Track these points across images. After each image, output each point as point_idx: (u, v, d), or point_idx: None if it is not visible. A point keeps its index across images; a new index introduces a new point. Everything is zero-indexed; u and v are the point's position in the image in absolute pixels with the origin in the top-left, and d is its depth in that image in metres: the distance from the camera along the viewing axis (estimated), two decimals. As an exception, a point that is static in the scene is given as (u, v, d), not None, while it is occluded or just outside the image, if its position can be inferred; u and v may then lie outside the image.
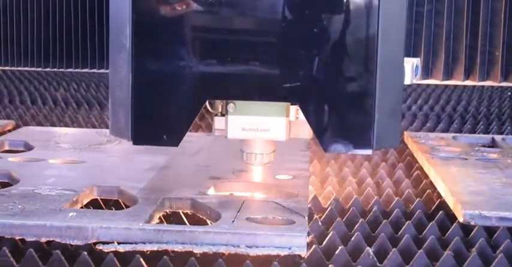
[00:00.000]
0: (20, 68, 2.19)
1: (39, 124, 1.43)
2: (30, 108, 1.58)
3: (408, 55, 1.39)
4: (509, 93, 1.92)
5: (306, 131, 0.84)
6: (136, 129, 0.79)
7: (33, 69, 2.18)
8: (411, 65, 0.82)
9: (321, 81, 0.77)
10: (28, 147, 1.13)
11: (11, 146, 1.15)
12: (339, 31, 0.76)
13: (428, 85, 2.01)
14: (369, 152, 0.78)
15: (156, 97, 0.78)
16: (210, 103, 0.84)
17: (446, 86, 2.01)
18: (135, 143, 0.79)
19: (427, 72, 2.10)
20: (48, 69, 2.18)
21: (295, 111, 0.83)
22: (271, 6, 0.76)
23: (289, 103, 0.82)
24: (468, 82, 2.07)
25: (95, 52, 2.17)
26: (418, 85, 1.97)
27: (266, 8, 0.76)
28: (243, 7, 0.77)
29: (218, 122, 0.85)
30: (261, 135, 0.83)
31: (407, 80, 0.81)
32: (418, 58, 0.84)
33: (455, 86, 2.02)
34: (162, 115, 0.79)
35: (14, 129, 1.31)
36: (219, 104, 0.84)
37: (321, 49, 0.76)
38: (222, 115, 0.84)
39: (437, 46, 2.10)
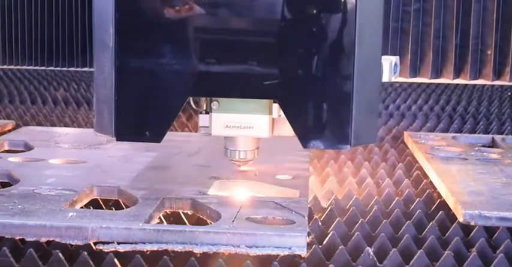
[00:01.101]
0: (19, 67, 2.18)
1: (39, 124, 1.43)
2: (30, 108, 1.58)
3: (394, 54, 1.41)
4: (509, 93, 1.92)
5: (289, 128, 0.84)
6: (119, 126, 0.80)
7: (32, 67, 2.18)
8: (389, 63, 0.83)
9: (300, 78, 0.78)
10: (28, 147, 1.12)
11: (11, 146, 1.15)
12: (317, 29, 0.77)
13: (428, 85, 2.01)
14: (347, 148, 0.79)
15: (139, 95, 0.80)
16: (194, 101, 0.86)
17: (446, 86, 2.01)
18: (118, 139, 0.81)
19: (415, 70, 2.10)
20: (50, 68, 2.17)
21: (277, 108, 0.84)
22: (251, 5, 0.78)
23: (272, 101, 0.83)
24: (458, 81, 2.07)
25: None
26: (414, 88, 1.97)
27: (246, 6, 0.78)
28: (224, 5, 0.78)
29: (202, 120, 0.86)
30: (245, 132, 0.85)
31: (385, 78, 0.83)
32: (397, 57, 0.86)
33: (456, 86, 2.02)
34: (144, 112, 0.80)
35: (14, 128, 1.31)
36: (203, 102, 0.86)
37: (300, 46, 0.78)
38: (207, 112, 0.86)
39: (425, 45, 2.09)
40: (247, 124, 0.84)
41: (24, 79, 1.98)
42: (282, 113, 0.82)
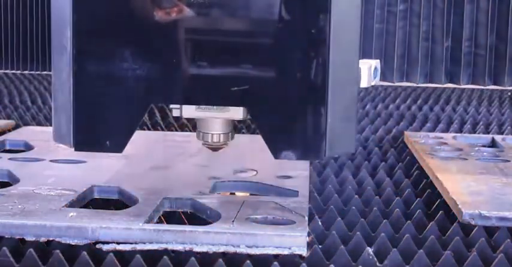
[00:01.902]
0: (19, 72, 2.18)
1: (39, 124, 1.43)
2: (30, 108, 1.58)
3: (379, 57, 1.36)
4: (509, 93, 1.92)
5: None
6: (78, 135, 0.76)
7: (33, 72, 2.18)
8: (368, 67, 0.79)
9: (269, 84, 0.74)
10: (28, 147, 1.13)
11: (11, 146, 1.15)
12: (287, 31, 0.73)
13: (428, 86, 2.02)
14: (320, 159, 0.76)
15: (98, 102, 0.75)
16: None
17: (445, 87, 2.01)
18: (76, 149, 0.76)
19: (402, 74, 2.04)
20: (50, 72, 2.17)
21: None
22: (217, 6, 0.73)
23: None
24: (449, 85, 2.02)
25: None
26: (414, 88, 1.96)
27: (212, 7, 0.73)
28: (188, 5, 0.73)
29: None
30: (218, 114, 0.80)
31: (364, 83, 0.78)
32: (378, 60, 0.81)
33: (455, 87, 2.02)
34: (104, 121, 0.76)
35: (14, 128, 1.31)
36: None
37: (270, 50, 0.73)
38: None
39: (413, 48, 2.03)
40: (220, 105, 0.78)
41: (24, 80, 1.98)
42: None
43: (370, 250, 0.77)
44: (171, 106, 0.82)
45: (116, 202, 0.91)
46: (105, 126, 0.76)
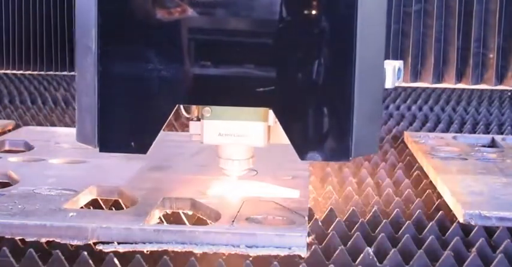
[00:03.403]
0: (19, 72, 2.18)
1: (39, 124, 1.43)
2: (30, 108, 1.58)
3: (395, 58, 1.36)
4: (509, 93, 1.92)
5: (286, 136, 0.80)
6: (103, 136, 0.76)
7: (33, 72, 2.18)
8: (392, 68, 0.78)
9: (296, 84, 0.74)
10: (28, 147, 1.13)
11: (11, 146, 1.15)
12: (315, 33, 0.73)
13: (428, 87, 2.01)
14: (346, 160, 0.75)
15: (123, 103, 0.76)
16: (185, 108, 0.81)
17: (445, 87, 2.01)
18: (101, 150, 0.76)
19: (415, 75, 2.05)
20: (50, 72, 2.17)
21: (274, 115, 0.78)
22: (245, 7, 0.73)
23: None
24: (460, 86, 2.03)
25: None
26: (414, 89, 1.96)
27: (241, 8, 0.73)
28: (215, 7, 0.74)
29: (193, 127, 0.82)
30: (239, 141, 0.80)
31: (389, 84, 0.78)
32: (401, 61, 0.81)
33: (455, 87, 2.01)
34: (129, 122, 0.76)
35: (14, 128, 1.31)
36: (194, 108, 0.81)
37: (297, 52, 0.73)
38: (198, 119, 0.81)
39: (426, 48, 2.04)
40: (241, 132, 0.79)
41: (24, 80, 1.98)
42: (278, 120, 0.77)
43: (370, 250, 0.77)
44: (191, 132, 0.82)
45: (116, 202, 0.91)
46: (130, 127, 0.76)
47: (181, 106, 0.80)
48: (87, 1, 0.74)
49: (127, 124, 0.76)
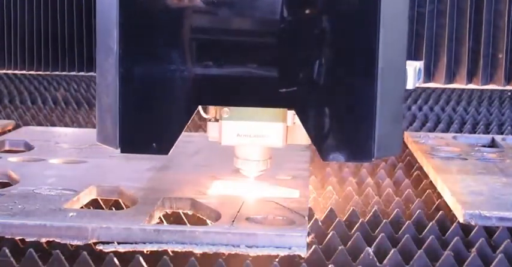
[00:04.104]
0: (20, 72, 2.18)
1: (39, 124, 1.43)
2: (30, 108, 1.58)
3: (410, 59, 1.37)
4: (509, 93, 1.92)
5: (304, 137, 0.80)
6: (124, 137, 0.76)
7: (33, 72, 2.18)
8: (414, 69, 0.79)
9: (319, 86, 0.74)
10: (28, 147, 1.13)
11: (11, 146, 1.15)
12: (338, 34, 0.73)
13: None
14: (369, 161, 0.76)
15: (145, 103, 0.75)
16: (203, 108, 0.81)
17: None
18: (123, 151, 0.76)
19: (428, 75, 2.03)
20: (51, 72, 2.17)
21: (292, 116, 0.79)
22: (267, 8, 0.73)
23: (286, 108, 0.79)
24: (471, 86, 2.03)
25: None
26: (414, 89, 1.96)
27: (262, 9, 0.73)
28: (237, 8, 0.74)
29: (212, 128, 0.82)
30: (257, 141, 0.80)
31: (410, 84, 0.78)
32: (421, 62, 0.81)
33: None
34: (151, 122, 0.76)
35: (14, 128, 1.31)
36: (212, 109, 0.81)
37: (319, 53, 0.73)
38: (216, 120, 0.81)
39: (439, 49, 2.04)
40: (260, 133, 0.79)
41: (24, 80, 1.98)
42: (296, 121, 0.78)
43: (370, 250, 0.77)
44: (209, 133, 0.82)
45: (116, 202, 0.91)
46: (152, 127, 0.76)
47: (200, 108, 0.80)
48: (109, 1, 0.74)
49: (148, 125, 0.76)
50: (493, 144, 1.23)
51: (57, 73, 2.15)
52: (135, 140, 0.77)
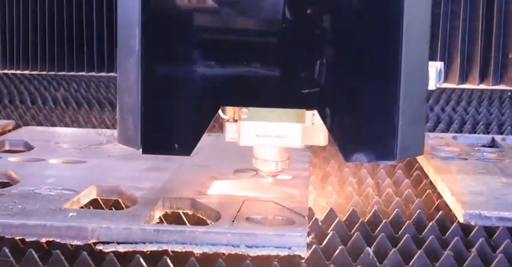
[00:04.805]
0: (20, 72, 2.18)
1: (39, 124, 1.43)
2: (30, 108, 1.58)
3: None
4: (509, 93, 1.92)
5: (321, 137, 0.81)
6: (146, 138, 0.76)
7: (33, 72, 2.18)
8: (435, 69, 0.79)
9: (342, 86, 0.73)
10: (28, 147, 1.13)
11: (11, 146, 1.15)
12: (361, 33, 0.73)
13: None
14: (392, 162, 0.75)
15: (167, 104, 0.75)
16: (221, 109, 0.81)
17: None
18: (144, 152, 0.76)
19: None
20: (51, 72, 2.17)
21: (311, 116, 0.79)
22: (289, 9, 0.73)
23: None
24: (483, 86, 2.02)
25: (93, 57, 2.16)
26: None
27: (283, 10, 0.73)
28: (260, 10, 0.73)
29: (230, 128, 0.81)
30: (276, 142, 0.80)
31: (432, 85, 0.78)
32: (442, 62, 0.81)
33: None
34: (173, 123, 0.76)
35: (14, 128, 1.31)
36: (230, 109, 0.81)
37: (342, 52, 0.73)
38: (234, 120, 0.81)
39: (452, 50, 2.04)
40: (279, 133, 0.79)
41: (24, 80, 1.98)
42: (315, 121, 0.78)
43: (370, 250, 0.77)
44: (227, 134, 0.81)
45: (116, 202, 0.91)
46: (174, 128, 0.76)
47: None
48: (131, 0, 0.74)
49: (171, 126, 0.76)
50: (493, 144, 1.23)
51: (57, 73, 2.15)
52: (157, 141, 0.77)
